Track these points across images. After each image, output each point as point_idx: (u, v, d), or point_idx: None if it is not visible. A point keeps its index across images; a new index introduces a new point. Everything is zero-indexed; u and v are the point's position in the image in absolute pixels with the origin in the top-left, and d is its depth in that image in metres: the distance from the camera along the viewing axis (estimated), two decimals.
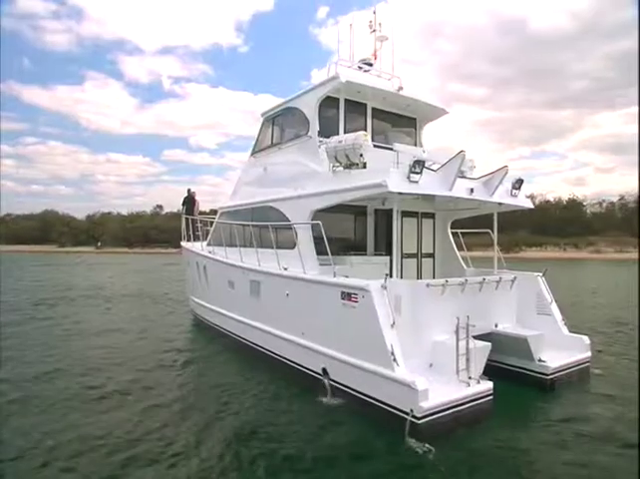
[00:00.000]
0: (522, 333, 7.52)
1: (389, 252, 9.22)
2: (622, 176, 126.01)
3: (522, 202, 8.58)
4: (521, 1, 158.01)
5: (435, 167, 7.57)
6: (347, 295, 6.80)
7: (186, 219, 14.53)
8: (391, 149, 8.27)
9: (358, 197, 7.52)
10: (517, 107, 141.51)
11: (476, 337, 6.49)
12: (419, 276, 9.63)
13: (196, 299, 13.55)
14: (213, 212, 19.81)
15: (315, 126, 8.88)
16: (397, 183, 6.64)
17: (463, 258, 10.15)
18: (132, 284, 25.88)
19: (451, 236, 10.41)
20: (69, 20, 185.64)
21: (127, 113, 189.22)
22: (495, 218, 8.89)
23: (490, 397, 6.25)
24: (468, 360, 6.22)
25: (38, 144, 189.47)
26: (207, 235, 13.26)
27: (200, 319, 13.37)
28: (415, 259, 9.66)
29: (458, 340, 6.24)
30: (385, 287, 6.47)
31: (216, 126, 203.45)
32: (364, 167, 7.49)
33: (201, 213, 17.19)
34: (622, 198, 75.21)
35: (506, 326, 7.90)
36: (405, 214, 9.06)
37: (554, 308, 8.45)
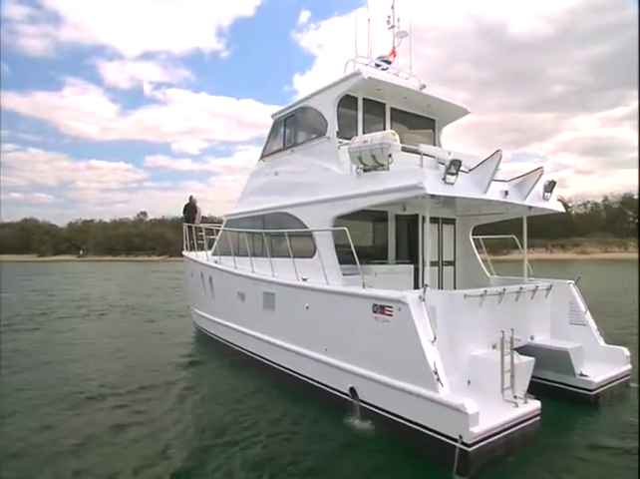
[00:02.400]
0: (562, 346, 7.06)
1: (412, 261, 8.74)
2: (602, 177, 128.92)
3: (554, 205, 8.15)
4: (501, 6, 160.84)
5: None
6: (380, 308, 6.23)
7: (188, 227, 13.82)
8: (416, 151, 7.81)
9: (386, 200, 6.99)
10: (499, 110, 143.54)
11: None
12: (440, 286, 9.15)
13: (200, 312, 12.80)
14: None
15: (334, 126, 8.31)
16: (433, 184, 6.14)
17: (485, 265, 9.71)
18: (127, 296, 24.89)
19: (472, 242, 9.95)
20: (46, 25, 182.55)
21: (107, 119, 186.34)
22: (525, 223, 8.46)
23: (538, 418, 5.76)
24: (512, 377, 5.74)
25: (18, 151, 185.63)
26: (212, 244, 12.56)
27: (204, 333, 12.63)
28: (436, 268, 9.15)
29: (503, 355, 5.75)
30: (423, 299, 5.95)
31: (199, 131, 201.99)
32: (386, 169, 6.99)
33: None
34: (606, 199, 76.92)
35: (543, 338, 7.46)
36: None
37: (589, 318, 8.01)
